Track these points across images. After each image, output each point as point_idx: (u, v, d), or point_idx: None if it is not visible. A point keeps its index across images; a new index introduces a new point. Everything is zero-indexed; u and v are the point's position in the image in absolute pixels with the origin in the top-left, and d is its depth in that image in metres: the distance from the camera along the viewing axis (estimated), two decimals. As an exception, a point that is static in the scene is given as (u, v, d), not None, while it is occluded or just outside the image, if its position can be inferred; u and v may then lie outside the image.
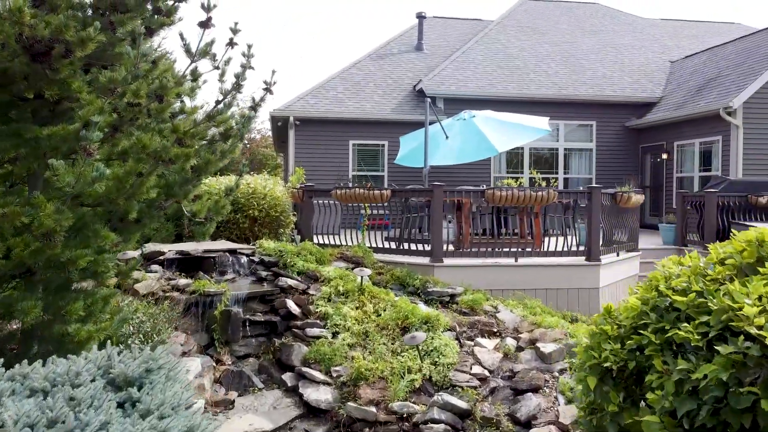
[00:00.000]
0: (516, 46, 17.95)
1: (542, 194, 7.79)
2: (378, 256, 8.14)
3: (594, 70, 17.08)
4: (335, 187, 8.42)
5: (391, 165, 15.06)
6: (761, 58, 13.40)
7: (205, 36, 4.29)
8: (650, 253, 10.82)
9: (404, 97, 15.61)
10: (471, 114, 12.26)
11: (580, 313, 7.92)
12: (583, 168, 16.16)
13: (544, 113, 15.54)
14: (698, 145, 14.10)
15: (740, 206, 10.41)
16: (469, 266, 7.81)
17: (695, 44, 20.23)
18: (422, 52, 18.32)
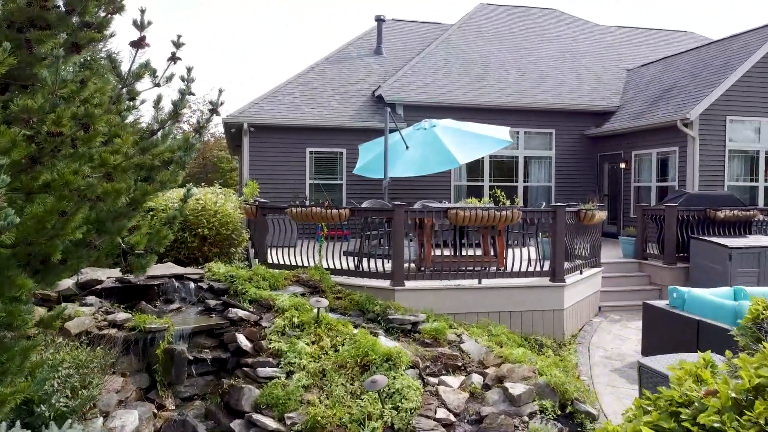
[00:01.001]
0: (476, 52, 17.77)
1: (506, 214, 7.52)
2: (336, 279, 7.73)
3: (553, 77, 17.05)
4: (290, 204, 7.96)
5: (350, 173, 14.64)
6: (716, 69, 13.55)
7: (141, 56, 3.79)
8: (611, 266, 10.75)
9: (363, 103, 15.21)
10: (432, 123, 11.97)
11: (545, 336, 7.71)
12: (543, 176, 16.10)
13: (504, 121, 15.41)
14: (655, 155, 14.18)
15: (699, 220, 10.42)
16: (432, 289, 7.48)
17: (650, 52, 20.50)
18: (381, 56, 17.94)
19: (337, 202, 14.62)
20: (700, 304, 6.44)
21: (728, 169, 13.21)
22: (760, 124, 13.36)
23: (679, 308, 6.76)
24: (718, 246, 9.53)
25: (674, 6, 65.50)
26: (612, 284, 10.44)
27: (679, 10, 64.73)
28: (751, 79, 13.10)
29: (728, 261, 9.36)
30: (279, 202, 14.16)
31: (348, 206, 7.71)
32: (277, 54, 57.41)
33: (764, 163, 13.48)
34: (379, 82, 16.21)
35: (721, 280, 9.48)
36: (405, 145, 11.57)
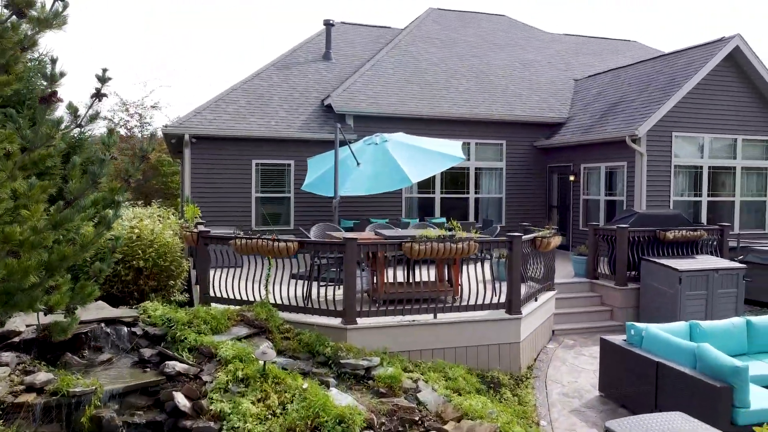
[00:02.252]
0: (426, 60, 17.51)
1: (462, 246, 7.24)
2: (284, 315, 7.28)
3: (504, 87, 16.98)
4: (234, 236, 7.43)
5: (299, 186, 14.13)
6: (663, 85, 13.73)
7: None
8: (564, 287, 10.68)
9: (312, 113, 14.70)
10: (383, 138, 11.61)
11: (502, 371, 7.50)
12: (494, 187, 16.02)
13: (456, 132, 15.26)
14: (604, 168, 14.28)
15: (649, 241, 10.47)
16: (386, 326, 7.13)
17: (597, 61, 20.78)
18: (330, 61, 17.45)
19: (285, 216, 14.11)
20: (658, 343, 6.34)
21: (674, 184, 13.42)
22: (704, 140, 13.63)
23: (637, 345, 6.65)
24: (669, 269, 9.58)
25: (616, 15, 67.38)
26: (565, 305, 10.37)
27: (621, 18, 66.63)
28: (695, 96, 13.33)
29: (678, 284, 9.42)
30: (224, 218, 13.57)
31: (297, 239, 7.25)
32: (220, 58, 55.69)
33: (707, 177, 13.77)
34: (328, 89, 15.74)
35: (672, 302, 9.54)
36: (356, 161, 11.17)
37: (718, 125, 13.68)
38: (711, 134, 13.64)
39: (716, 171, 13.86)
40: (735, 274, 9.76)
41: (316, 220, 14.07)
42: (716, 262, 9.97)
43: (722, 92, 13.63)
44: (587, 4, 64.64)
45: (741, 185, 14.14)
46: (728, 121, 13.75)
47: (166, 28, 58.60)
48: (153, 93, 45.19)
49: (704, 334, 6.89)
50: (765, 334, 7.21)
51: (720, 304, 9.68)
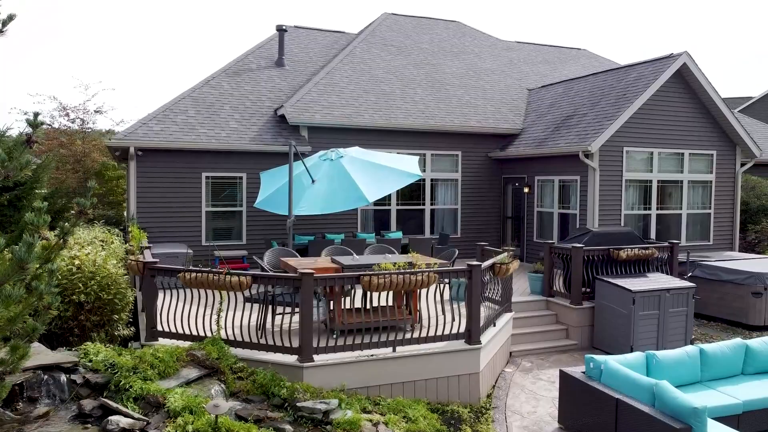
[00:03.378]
0: (381, 68, 17.31)
1: (421, 278, 7.08)
2: (237, 352, 6.96)
3: (459, 97, 16.95)
4: (183, 269, 7.05)
5: (251, 200, 13.72)
6: (614, 100, 13.94)
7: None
8: (520, 305, 10.70)
9: (265, 123, 14.28)
10: (338, 154, 11.35)
11: (461, 404, 7.40)
12: (449, 198, 15.98)
13: (412, 143, 15.15)
14: (558, 182, 14.43)
15: (603, 260, 10.59)
16: (344, 363, 6.90)
17: (549, 70, 21.04)
18: (283, 68, 17.04)
19: (237, 231, 13.67)
20: (617, 378, 6.34)
21: (625, 198, 13.67)
22: (653, 155, 13.93)
23: (596, 379, 6.64)
24: (623, 290, 9.69)
25: (565, 22, 68.80)
26: (521, 324, 10.38)
27: (569, 26, 68.08)
28: (645, 112, 13.60)
29: (632, 305, 9.54)
30: (172, 234, 13.04)
31: (250, 272, 6.92)
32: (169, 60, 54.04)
33: (656, 191, 14.08)
34: (281, 98, 15.35)
35: (626, 322, 9.66)
36: (311, 178, 10.88)
37: (667, 140, 14.01)
38: (660, 148, 13.96)
39: (665, 184, 14.20)
40: (685, 293, 9.97)
41: (270, 236, 13.72)
42: (668, 281, 10.15)
43: (671, 107, 13.95)
44: (536, 11, 65.81)
45: (688, 198, 14.53)
46: (676, 136, 14.10)
47: (111, 28, 56.48)
48: (96, 96, 43.42)
49: (660, 365, 6.95)
50: (716, 362, 7.34)
51: (671, 322, 9.87)
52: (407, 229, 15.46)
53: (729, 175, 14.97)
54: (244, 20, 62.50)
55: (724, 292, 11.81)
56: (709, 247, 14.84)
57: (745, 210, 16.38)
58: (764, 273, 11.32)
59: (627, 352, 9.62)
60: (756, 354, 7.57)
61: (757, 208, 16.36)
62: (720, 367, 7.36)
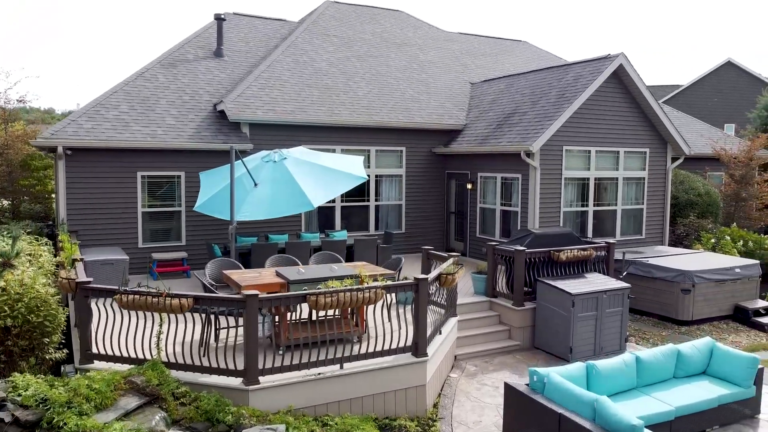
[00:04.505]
0: (324, 59, 17.00)
1: (368, 295, 7.03)
2: (179, 375, 6.73)
3: (402, 91, 16.88)
4: (119, 290, 6.72)
5: (190, 199, 13.27)
6: (554, 99, 14.21)
7: None
8: (464, 307, 10.84)
9: (204, 119, 13.78)
10: (281, 155, 11.09)
11: (408, 418, 7.45)
12: (394, 194, 15.97)
13: (356, 139, 15.02)
14: (500, 179, 14.64)
15: (544, 261, 10.84)
16: (291, 383, 6.79)
17: (491, 62, 21.24)
18: (222, 58, 16.46)
19: (176, 232, 13.22)
20: (560, 392, 6.51)
21: (564, 196, 14.03)
22: (590, 153, 14.33)
23: (540, 392, 6.80)
24: (563, 292, 9.97)
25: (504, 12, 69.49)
26: (466, 327, 10.53)
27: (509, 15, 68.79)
28: (584, 112, 13.94)
29: (571, 307, 9.83)
30: (107, 237, 12.47)
31: (191, 293, 6.67)
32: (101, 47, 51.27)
33: (593, 188, 14.52)
34: (221, 91, 14.85)
35: (565, 323, 9.96)
36: (253, 181, 10.59)
37: (604, 138, 14.42)
38: (597, 147, 14.36)
39: (601, 181, 14.65)
40: (621, 294, 10.35)
41: (212, 237, 13.35)
42: (605, 282, 10.51)
43: (607, 107, 14.36)
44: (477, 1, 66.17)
45: (622, 194, 15.06)
46: (612, 135, 14.54)
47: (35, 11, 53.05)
48: (18, 84, 40.86)
49: (600, 374, 7.19)
50: (651, 369, 7.66)
51: (608, 322, 10.24)
52: (352, 226, 15.38)
53: (660, 171, 15.60)
54: (180, 7, 59.82)
55: (657, 289, 12.36)
56: (642, 241, 15.48)
57: (675, 204, 17.14)
58: (692, 271, 11.90)
59: (567, 352, 9.94)
60: (686, 358, 7.96)
61: (685, 202, 17.14)
62: (654, 372, 7.69)
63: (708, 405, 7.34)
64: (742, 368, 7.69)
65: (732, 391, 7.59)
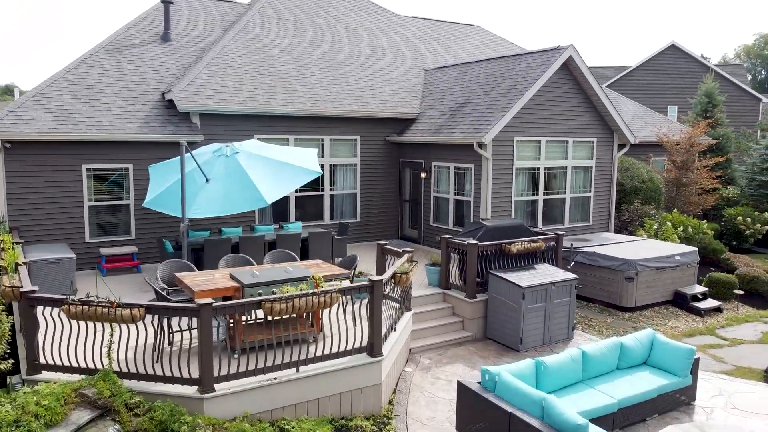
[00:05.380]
0: (276, 45, 16.69)
1: (324, 299, 7.08)
2: (133, 384, 6.66)
3: (356, 78, 16.77)
4: (67, 301, 6.56)
5: (139, 192, 12.94)
6: (505, 90, 14.40)
7: None
8: (419, 300, 11.01)
9: (152, 109, 13.38)
10: (233, 149, 10.90)
11: (364, 417, 7.58)
12: (348, 183, 15.96)
13: (310, 128, 14.91)
14: (453, 168, 14.81)
15: (496, 254, 11.10)
16: (247, 389, 6.81)
17: (444, 48, 21.29)
18: (170, 43, 15.95)
19: (125, 226, 12.90)
20: (510, 390, 6.75)
21: (515, 185, 14.32)
22: (541, 143, 14.63)
23: (491, 390, 7.04)
24: (514, 285, 10.25)
25: None
26: (420, 319, 10.72)
27: None
28: (535, 102, 14.19)
29: (522, 299, 10.13)
30: (51, 233, 12.07)
31: (143, 303, 6.56)
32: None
33: (543, 177, 14.87)
34: (169, 78, 14.42)
35: (516, 314, 10.26)
36: (205, 177, 10.40)
37: (554, 129, 14.74)
38: (547, 137, 14.68)
39: (551, 171, 15.01)
40: (569, 285, 10.72)
41: (162, 232, 13.11)
42: (553, 274, 10.85)
43: (557, 98, 14.65)
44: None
45: (571, 183, 15.48)
46: (562, 125, 14.87)
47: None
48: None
49: (548, 370, 7.48)
50: (595, 362, 8.01)
51: (557, 312, 10.61)
52: (307, 216, 15.32)
53: (607, 159, 16.08)
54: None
55: (602, 277, 12.85)
56: (589, 227, 15.99)
57: (620, 190, 17.74)
58: (636, 260, 12.40)
59: (517, 342, 10.27)
60: (629, 351, 8.35)
61: (630, 188, 17.76)
62: (599, 365, 8.04)
63: (648, 396, 7.75)
64: (680, 359, 8.13)
65: (670, 381, 8.02)
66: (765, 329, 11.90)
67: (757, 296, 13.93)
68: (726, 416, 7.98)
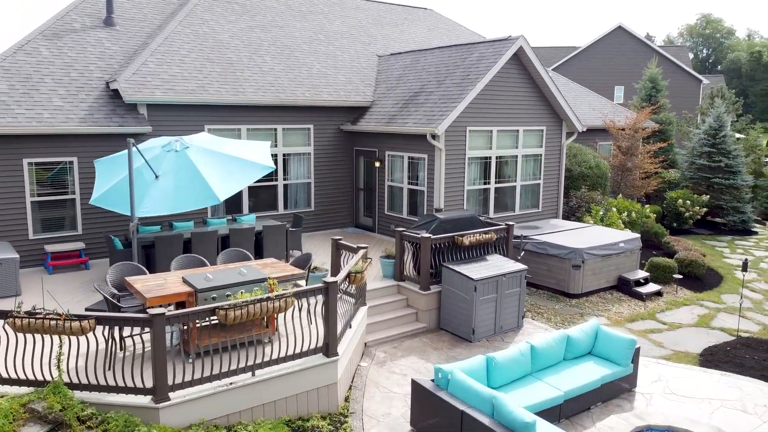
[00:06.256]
0: (226, 31, 16.29)
1: (279, 304, 7.11)
2: (84, 396, 6.57)
3: (309, 66, 16.57)
4: (12, 314, 6.38)
5: (85, 186, 12.55)
6: (458, 80, 14.52)
7: None
8: (374, 293, 11.15)
9: (96, 99, 12.92)
10: (183, 144, 10.69)
11: (320, 417, 7.70)
12: (302, 172, 15.87)
13: (262, 118, 14.74)
14: (407, 158, 14.91)
15: (449, 246, 11.31)
16: (203, 396, 6.81)
17: (396, 33, 21.21)
18: (114, 28, 15.37)
19: (70, 221, 12.53)
20: (462, 388, 6.98)
21: (467, 174, 14.55)
22: (492, 133, 14.87)
23: (444, 388, 7.25)
24: (466, 278, 10.49)
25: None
26: (375, 312, 10.87)
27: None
28: (487, 93, 14.37)
29: (474, 291, 10.39)
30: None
31: (92, 314, 6.45)
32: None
33: (495, 166, 15.14)
34: (114, 66, 13.94)
35: (468, 306, 10.53)
36: (154, 174, 10.17)
37: (505, 118, 14.99)
38: (498, 126, 14.92)
39: (502, 159, 15.30)
40: (519, 276, 11.05)
41: (111, 228, 12.80)
42: (504, 265, 11.14)
43: (508, 88, 14.87)
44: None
45: (522, 171, 15.82)
46: (513, 114, 15.13)
47: None
48: None
49: (499, 366, 7.75)
50: (543, 355, 8.33)
51: (507, 302, 10.93)
52: (261, 206, 15.19)
53: (556, 147, 16.48)
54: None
55: (551, 265, 13.27)
56: (539, 214, 16.42)
57: (569, 176, 18.23)
58: (582, 248, 12.85)
59: (470, 333, 10.55)
60: (575, 342, 8.72)
61: (578, 174, 18.27)
62: (547, 358, 8.37)
63: (593, 386, 8.13)
64: (622, 349, 8.54)
65: (613, 370, 8.43)
66: (701, 312, 12.58)
67: (694, 279, 14.67)
68: (664, 402, 8.47)
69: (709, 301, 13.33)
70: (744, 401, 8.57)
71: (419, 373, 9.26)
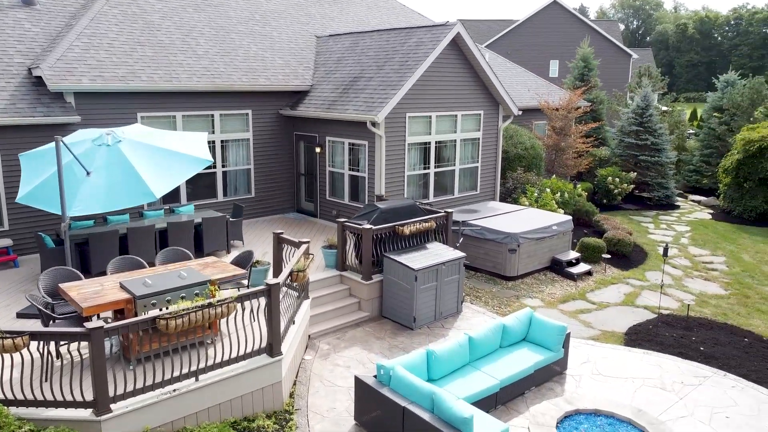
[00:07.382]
0: (157, 11, 15.65)
1: (220, 310, 7.12)
2: (20, 412, 6.43)
3: (246, 48, 16.18)
4: (-60, 332, 6.13)
5: (9, 179, 11.97)
6: (397, 66, 14.55)
7: None
8: (316, 284, 11.26)
9: (18, 86, 12.24)
10: (116, 137, 10.30)
11: (266, 416, 7.83)
12: (242, 158, 15.63)
13: (198, 104, 14.41)
14: (348, 144, 14.93)
15: (390, 236, 11.50)
16: (146, 405, 6.79)
17: (336, 12, 20.92)
18: (34, 7, 14.49)
19: (-4, 218, 11.94)
20: (403, 384, 7.25)
21: (408, 160, 14.72)
22: (431, 118, 15.05)
23: (386, 384, 7.50)
24: (407, 268, 10.74)
25: None
26: (318, 303, 11.00)
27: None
28: (425, 79, 14.49)
29: (414, 281, 10.67)
30: None
31: (26, 331, 6.28)
32: None
33: (434, 151, 15.38)
34: (35, 50, 13.20)
35: (409, 295, 10.81)
36: (85, 170, 9.81)
37: (443, 103, 15.18)
38: (437, 112, 15.11)
39: (441, 144, 15.54)
40: (458, 263, 11.39)
41: (40, 225, 12.32)
42: (444, 253, 11.45)
43: (446, 73, 15.04)
44: None
45: (460, 155, 16.14)
46: (451, 99, 15.34)
47: None
48: None
49: (438, 359, 8.07)
50: (480, 345, 8.72)
51: (447, 290, 11.28)
52: (199, 194, 14.91)
53: (493, 130, 16.86)
54: None
55: (488, 249, 13.72)
56: (477, 196, 16.84)
57: (505, 158, 18.71)
58: (518, 233, 13.33)
59: (411, 321, 10.85)
60: (510, 330, 9.14)
61: (514, 155, 18.78)
62: (484, 347, 8.76)
63: (527, 372, 8.59)
64: (554, 336, 9.03)
65: (546, 356, 8.92)
66: (627, 290, 13.37)
67: (621, 257, 15.51)
68: (592, 384, 9.05)
69: (635, 279, 14.16)
70: (663, 379, 9.26)
71: (362, 364, 9.50)
